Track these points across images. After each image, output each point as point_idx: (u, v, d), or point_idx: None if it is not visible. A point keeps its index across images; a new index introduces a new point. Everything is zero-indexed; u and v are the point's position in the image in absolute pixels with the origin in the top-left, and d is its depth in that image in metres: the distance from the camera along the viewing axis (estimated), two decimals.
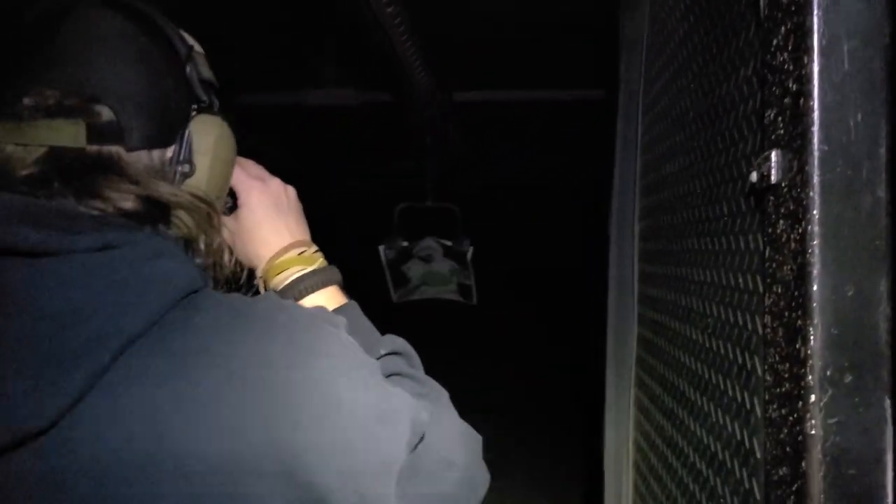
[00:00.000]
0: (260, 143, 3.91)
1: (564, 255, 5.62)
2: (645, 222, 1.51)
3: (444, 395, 0.86)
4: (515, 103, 3.35)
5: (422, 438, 0.73)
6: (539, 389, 5.52)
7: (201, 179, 0.81)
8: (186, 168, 0.80)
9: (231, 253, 0.90)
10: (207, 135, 0.82)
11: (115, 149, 0.74)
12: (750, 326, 0.83)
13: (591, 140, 2.86)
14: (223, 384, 0.63)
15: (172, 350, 0.63)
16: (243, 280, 0.95)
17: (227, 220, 0.95)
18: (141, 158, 0.76)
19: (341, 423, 0.66)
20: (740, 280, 0.86)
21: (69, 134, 0.71)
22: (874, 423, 0.64)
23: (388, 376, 0.80)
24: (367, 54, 2.59)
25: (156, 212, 0.75)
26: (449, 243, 3.40)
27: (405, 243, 3.43)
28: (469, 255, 3.36)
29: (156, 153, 0.78)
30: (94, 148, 0.73)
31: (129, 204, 0.72)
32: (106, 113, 0.73)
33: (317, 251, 0.97)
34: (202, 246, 0.80)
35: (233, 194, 0.95)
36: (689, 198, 1.14)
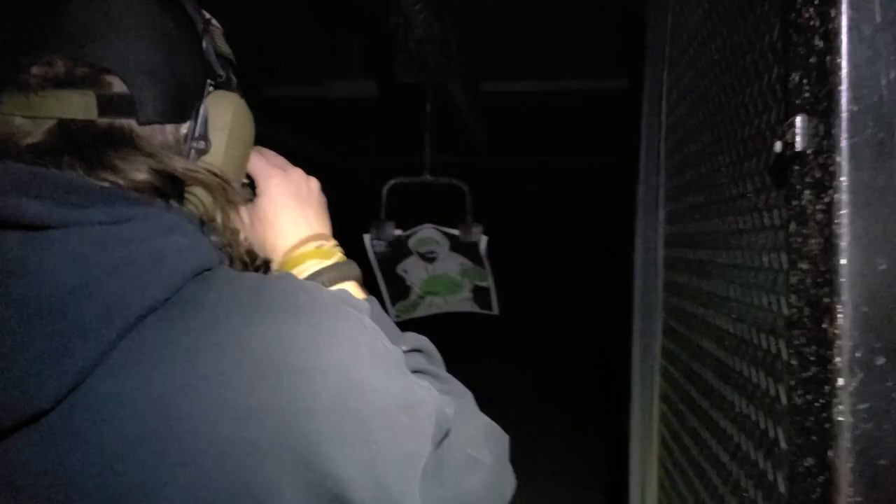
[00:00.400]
0: (279, 133, 3.90)
1: (576, 251, 5.52)
2: (669, 206, 1.45)
3: (468, 394, 0.81)
4: (533, 94, 3.27)
5: (447, 435, 0.69)
6: (547, 387, 5.41)
7: (217, 156, 0.78)
8: (202, 144, 0.76)
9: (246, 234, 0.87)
10: (224, 111, 0.78)
11: (128, 122, 0.71)
12: (775, 308, 0.77)
13: (614, 129, 2.80)
14: (237, 366, 0.59)
15: (183, 328, 0.60)
16: (262, 269, 0.92)
17: (245, 210, 0.91)
18: (154, 133, 0.72)
19: (362, 412, 0.62)
20: (764, 259, 0.81)
21: (78, 105, 0.68)
22: None
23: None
24: (388, 41, 2.56)
25: (170, 187, 0.72)
26: (455, 232, 2.56)
27: (398, 231, 2.54)
28: (483, 246, 2.51)
29: (170, 128, 0.74)
30: (104, 120, 0.69)
31: (142, 175, 0.69)
32: (117, 84, 0.70)
33: (336, 245, 0.92)
34: (218, 224, 0.76)
35: (252, 183, 0.92)
36: (712, 176, 1.08)
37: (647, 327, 1.66)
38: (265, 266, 0.90)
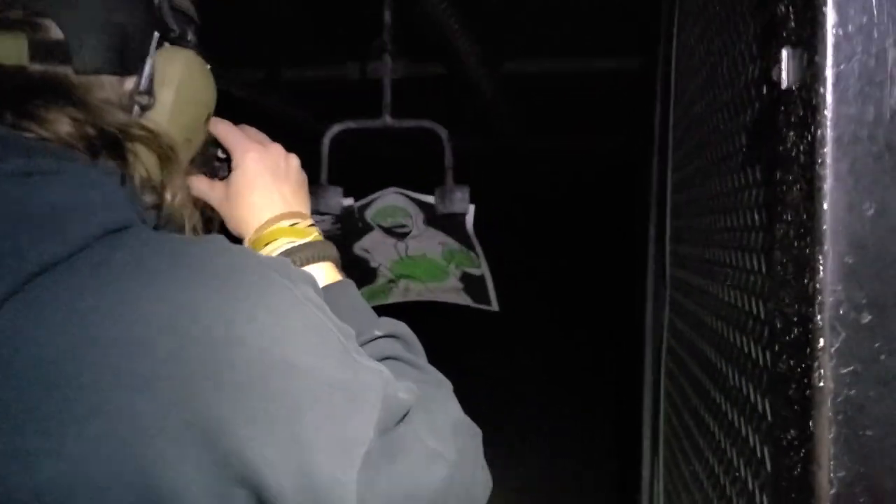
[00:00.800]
0: (300, 114, 3.86)
1: (587, 232, 5.36)
2: (677, 174, 1.38)
3: (445, 384, 0.75)
4: (546, 73, 3.17)
5: (403, 422, 0.62)
6: (556, 369, 5.25)
7: (163, 113, 0.73)
8: (145, 99, 0.72)
9: (193, 201, 0.82)
10: (173, 66, 0.74)
11: (63, 70, 0.67)
12: (764, 269, 0.71)
13: (630, 108, 2.69)
14: (133, 331, 0.54)
15: (81, 289, 0.55)
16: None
17: (220, 185, 0.87)
18: (93, 85, 0.69)
19: (286, 390, 0.56)
20: (755, 217, 0.74)
21: (9, 49, 0.65)
22: None
23: (381, 360, 0.70)
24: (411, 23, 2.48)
25: (103, 143, 0.67)
26: (429, 200, 1.73)
27: (347, 201, 1.74)
28: (470, 219, 1.74)
29: (111, 81, 0.70)
30: (37, 67, 0.66)
31: (66, 128, 0.65)
32: (53, 30, 0.66)
33: (312, 225, 0.87)
34: (156, 183, 0.71)
35: (229, 158, 0.88)
36: (713, 136, 1.01)
37: (657, 302, 1.59)
38: (211, 231, 0.85)
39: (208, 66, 0.80)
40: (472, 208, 1.72)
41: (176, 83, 0.74)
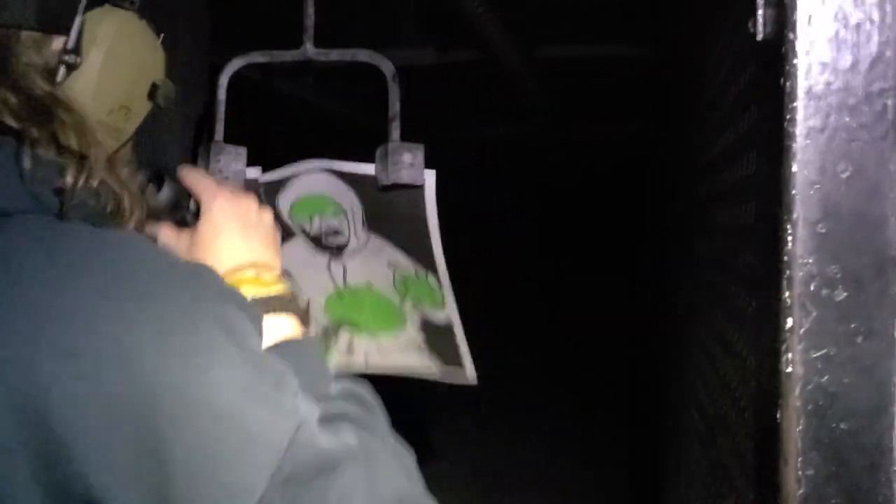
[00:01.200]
0: (342, 106, 3.85)
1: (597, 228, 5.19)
2: (690, 154, 1.31)
3: (403, 455, 0.64)
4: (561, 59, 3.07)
5: (324, 476, 0.54)
6: (556, 370, 5.10)
7: (90, 76, 0.68)
8: (72, 58, 0.66)
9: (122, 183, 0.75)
10: (104, 26, 0.69)
11: None
12: (749, 244, 0.64)
13: (652, 96, 2.60)
14: None
15: None
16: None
17: (187, 234, 0.81)
18: (12, 41, 0.64)
19: (144, 414, 0.49)
20: (741, 188, 0.68)
21: None
22: (878, 358, 0.45)
23: (331, 419, 0.60)
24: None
25: (23, 114, 0.63)
26: (369, 171, 1.05)
27: (253, 173, 1.07)
28: (429, 195, 1.05)
29: (35, 38, 0.65)
30: None
31: None
32: None
33: (279, 278, 0.79)
34: (73, 163, 0.63)
35: (198, 207, 0.81)
36: (716, 106, 0.94)
37: (670, 292, 1.52)
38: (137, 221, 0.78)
39: (161, 36, 0.75)
40: (431, 175, 1.05)
41: (108, 44, 0.68)
